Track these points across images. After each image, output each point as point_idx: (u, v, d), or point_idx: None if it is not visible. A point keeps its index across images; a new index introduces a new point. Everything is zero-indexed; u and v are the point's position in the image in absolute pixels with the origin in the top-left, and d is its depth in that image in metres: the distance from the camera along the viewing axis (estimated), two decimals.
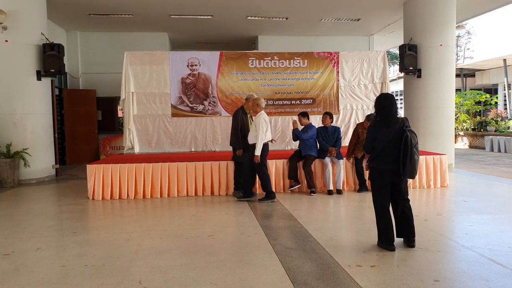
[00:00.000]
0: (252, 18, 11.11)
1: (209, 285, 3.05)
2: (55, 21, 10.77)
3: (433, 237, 4.22)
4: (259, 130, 5.81)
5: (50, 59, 8.26)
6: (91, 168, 6.42)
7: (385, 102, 3.79)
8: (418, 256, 3.63)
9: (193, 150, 8.73)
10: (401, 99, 15.15)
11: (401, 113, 9.24)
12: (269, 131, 6.10)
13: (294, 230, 4.54)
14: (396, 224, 3.87)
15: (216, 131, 8.85)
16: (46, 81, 8.63)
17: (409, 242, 3.82)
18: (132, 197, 6.46)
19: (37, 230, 4.73)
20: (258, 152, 5.82)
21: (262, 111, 6.04)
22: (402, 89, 10.88)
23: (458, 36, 11.02)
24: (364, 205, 5.88)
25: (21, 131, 8.11)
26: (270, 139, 6.18)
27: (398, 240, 3.85)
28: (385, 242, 3.79)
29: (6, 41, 7.89)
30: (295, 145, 8.10)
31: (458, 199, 6.19)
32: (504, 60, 18.21)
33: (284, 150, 8.60)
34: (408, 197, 3.91)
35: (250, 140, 5.98)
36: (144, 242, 4.17)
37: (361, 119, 9.07)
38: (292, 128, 6.83)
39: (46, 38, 8.40)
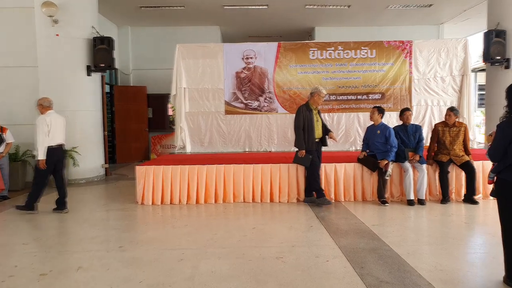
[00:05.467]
0: (311, 7, 10.20)
1: None
2: (106, 16, 10.50)
3: None
4: (38, 132, 5.14)
5: (100, 53, 7.88)
6: (140, 170, 5.84)
7: None
8: None
9: (247, 150, 7.99)
10: (479, 94, 13.54)
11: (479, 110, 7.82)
12: (59, 133, 5.40)
13: (382, 254, 3.63)
14: None
15: (272, 129, 8.04)
16: (96, 77, 8.26)
17: None
18: (184, 202, 5.82)
19: (80, 242, 4.17)
20: (41, 156, 5.11)
21: (50, 111, 5.37)
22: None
23: None
24: (457, 219, 4.83)
25: (71, 128, 7.68)
26: (60, 142, 5.38)
27: None
28: None
29: (57, 35, 7.58)
30: (360, 145, 7.13)
31: None
32: None
33: (348, 152, 7.64)
34: None
35: (35, 144, 5.26)
36: (200, 264, 3.45)
37: (437, 117, 7.90)
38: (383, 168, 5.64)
39: (96, 32, 8.03)
